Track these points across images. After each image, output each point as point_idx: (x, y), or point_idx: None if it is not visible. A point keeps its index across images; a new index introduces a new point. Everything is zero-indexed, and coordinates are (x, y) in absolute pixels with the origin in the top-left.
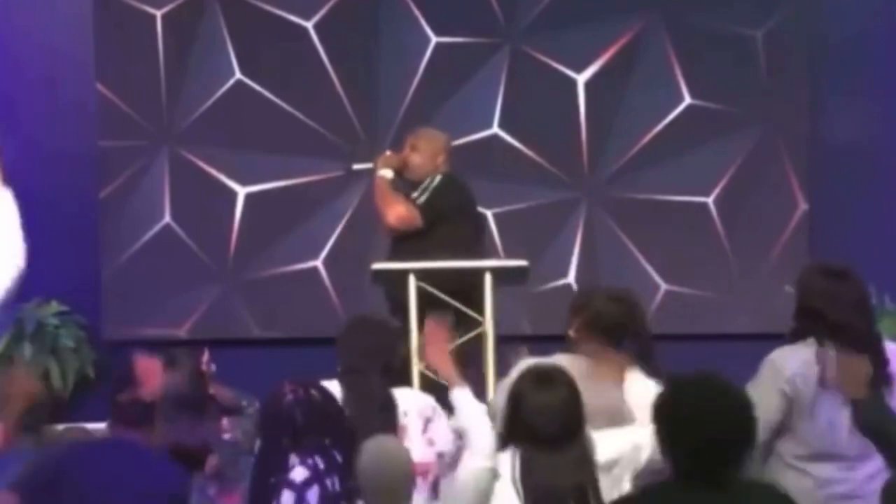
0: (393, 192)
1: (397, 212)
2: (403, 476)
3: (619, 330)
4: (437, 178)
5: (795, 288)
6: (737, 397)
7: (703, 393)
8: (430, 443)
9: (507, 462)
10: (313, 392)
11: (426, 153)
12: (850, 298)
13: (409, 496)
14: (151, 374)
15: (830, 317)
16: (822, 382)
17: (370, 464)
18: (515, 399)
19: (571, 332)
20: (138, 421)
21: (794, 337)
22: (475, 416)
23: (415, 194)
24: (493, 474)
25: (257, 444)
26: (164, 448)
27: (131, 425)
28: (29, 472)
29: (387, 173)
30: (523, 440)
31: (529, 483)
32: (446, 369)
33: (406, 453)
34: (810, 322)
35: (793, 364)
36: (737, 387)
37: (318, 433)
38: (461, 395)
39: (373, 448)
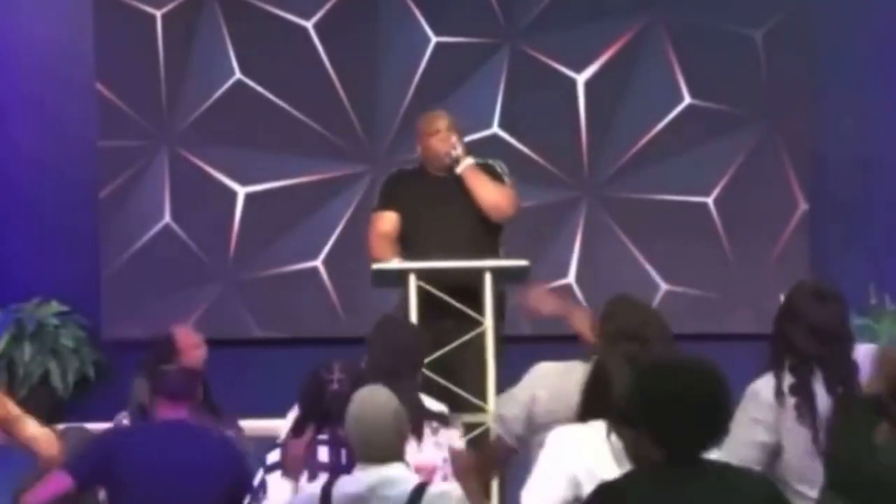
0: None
1: (513, 197)
2: (384, 428)
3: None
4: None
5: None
6: (710, 378)
7: (674, 374)
8: (439, 445)
9: None
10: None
11: (460, 133)
12: (819, 321)
13: (390, 449)
14: (194, 344)
15: (790, 337)
16: (777, 394)
17: (353, 412)
18: None
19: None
20: (184, 390)
21: (771, 352)
22: None
23: (507, 182)
24: None
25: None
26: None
27: (176, 395)
28: (82, 453)
29: (471, 160)
30: None
31: None
32: (477, 484)
33: (395, 408)
34: (777, 338)
35: (767, 391)
36: (711, 367)
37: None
38: None
39: (360, 397)
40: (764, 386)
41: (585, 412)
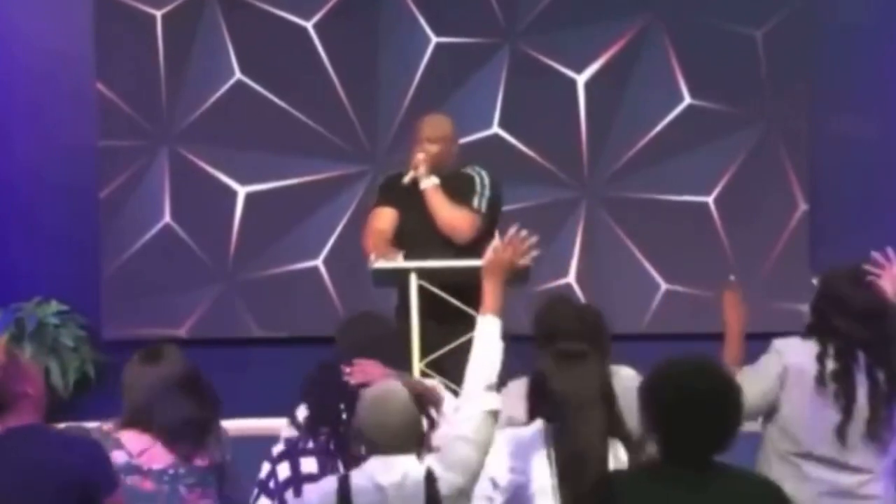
0: (450, 200)
1: (470, 221)
2: (404, 419)
3: None
4: (486, 180)
5: (818, 283)
6: (721, 380)
7: (685, 376)
8: (448, 423)
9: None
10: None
11: (447, 143)
12: (859, 306)
13: (407, 439)
14: None
15: (833, 321)
16: (819, 380)
17: (373, 403)
18: None
19: None
20: None
21: (807, 333)
22: (491, 349)
23: (475, 202)
24: (492, 418)
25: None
26: (175, 424)
27: None
28: None
29: (435, 180)
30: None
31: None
32: (497, 287)
33: (411, 402)
34: (816, 321)
35: (792, 355)
36: (722, 369)
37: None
38: (490, 323)
39: (379, 388)
40: (796, 356)
41: (532, 416)
